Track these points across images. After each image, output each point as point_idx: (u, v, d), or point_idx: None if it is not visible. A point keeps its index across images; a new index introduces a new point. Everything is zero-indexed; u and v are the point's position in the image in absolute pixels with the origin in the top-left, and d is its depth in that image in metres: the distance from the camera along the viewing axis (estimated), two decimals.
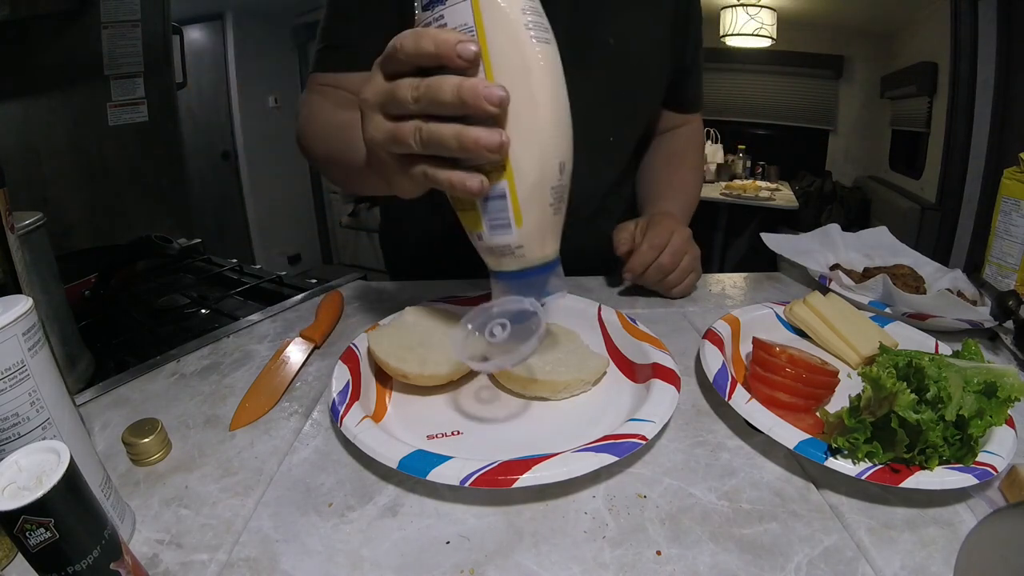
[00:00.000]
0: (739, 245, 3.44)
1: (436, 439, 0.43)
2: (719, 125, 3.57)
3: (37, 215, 0.53)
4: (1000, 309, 0.59)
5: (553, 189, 0.35)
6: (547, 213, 0.36)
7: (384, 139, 0.35)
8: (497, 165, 0.34)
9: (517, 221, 0.35)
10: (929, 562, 0.33)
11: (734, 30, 3.18)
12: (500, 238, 0.36)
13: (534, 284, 0.38)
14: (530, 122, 0.33)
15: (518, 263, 0.37)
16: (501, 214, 0.35)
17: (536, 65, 0.33)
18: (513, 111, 0.32)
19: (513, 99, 0.31)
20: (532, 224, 0.35)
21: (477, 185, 0.33)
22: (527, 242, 0.36)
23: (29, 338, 0.30)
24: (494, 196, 0.35)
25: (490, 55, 0.32)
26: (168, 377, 0.53)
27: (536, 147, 0.34)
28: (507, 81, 0.32)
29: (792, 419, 0.40)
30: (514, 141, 0.33)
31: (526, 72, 0.32)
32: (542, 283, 0.38)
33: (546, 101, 0.33)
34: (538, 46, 0.33)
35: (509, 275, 0.38)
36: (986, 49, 2.30)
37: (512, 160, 0.33)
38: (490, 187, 0.34)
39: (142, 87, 1.48)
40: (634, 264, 0.64)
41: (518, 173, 0.34)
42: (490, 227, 0.36)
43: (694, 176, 0.84)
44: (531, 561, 0.33)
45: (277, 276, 0.86)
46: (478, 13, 0.32)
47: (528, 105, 0.33)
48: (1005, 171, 0.70)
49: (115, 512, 0.33)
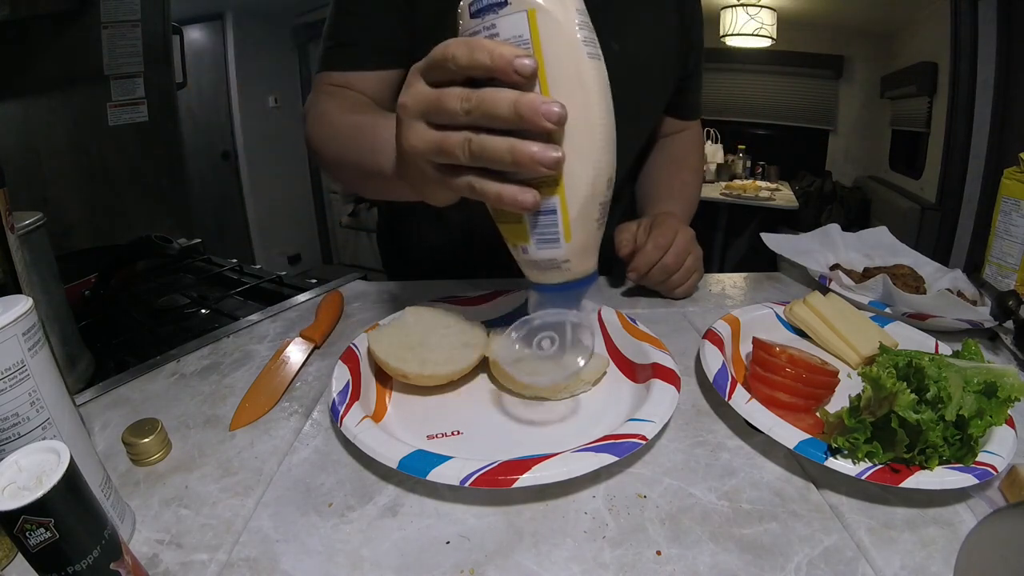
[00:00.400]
0: (739, 245, 3.44)
1: (436, 439, 0.43)
2: (719, 125, 3.57)
3: (37, 215, 0.53)
4: (1000, 309, 0.59)
5: (601, 205, 0.35)
6: (593, 227, 0.36)
7: (427, 148, 0.34)
8: (548, 180, 0.33)
9: (567, 236, 0.35)
10: (929, 562, 0.33)
11: (734, 30, 3.18)
12: (548, 252, 0.36)
13: (573, 297, 0.38)
14: (584, 139, 0.33)
15: (562, 276, 0.37)
16: (551, 228, 0.35)
17: (591, 81, 0.32)
18: (568, 127, 0.32)
19: (568, 115, 0.31)
20: (580, 239, 0.35)
21: (531, 200, 0.32)
22: (574, 257, 0.36)
23: (29, 338, 0.30)
24: (544, 211, 0.34)
25: (546, 69, 0.31)
26: (168, 377, 0.53)
27: (590, 163, 0.33)
28: (562, 96, 0.31)
29: (792, 419, 0.40)
30: (568, 156, 0.32)
31: (582, 88, 0.32)
32: (580, 296, 0.38)
33: (600, 118, 0.33)
34: (591, 62, 0.32)
35: (550, 287, 0.38)
36: (986, 49, 2.30)
37: (565, 175, 0.33)
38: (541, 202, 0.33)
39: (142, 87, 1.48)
40: (639, 263, 0.64)
41: (570, 189, 0.33)
42: (538, 241, 0.35)
43: (694, 179, 0.84)
44: (531, 561, 0.33)
45: (277, 276, 0.86)
46: (534, 26, 0.31)
47: (583, 121, 0.32)
48: (1005, 171, 0.70)
49: (115, 512, 0.33)
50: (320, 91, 0.62)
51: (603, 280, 0.74)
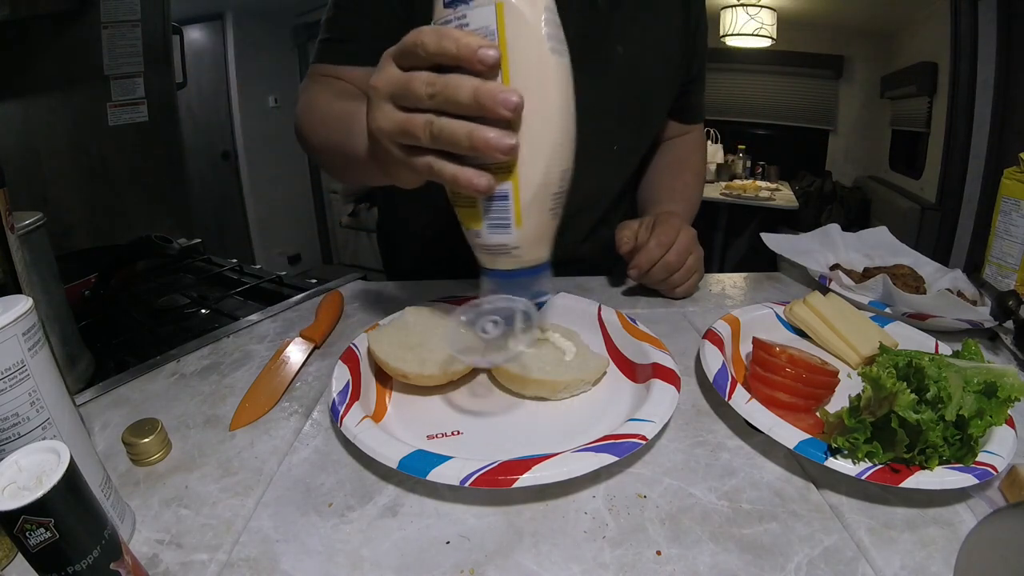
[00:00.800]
0: (739, 245, 3.44)
1: (436, 439, 0.43)
2: (719, 125, 3.57)
3: (37, 215, 0.53)
4: (1000, 309, 0.59)
5: (554, 195, 0.36)
6: (546, 217, 0.37)
7: (393, 129, 0.36)
8: (503, 166, 0.34)
9: (517, 222, 0.36)
10: (929, 562, 0.33)
11: (734, 30, 3.18)
12: (498, 237, 0.37)
13: (524, 284, 0.39)
14: (540, 129, 0.34)
15: (513, 263, 0.38)
16: (502, 214, 0.36)
17: (551, 76, 0.33)
18: (525, 117, 0.33)
19: (526, 106, 0.32)
20: (531, 227, 0.36)
21: (485, 184, 0.34)
22: (524, 243, 0.37)
23: (29, 338, 0.30)
24: (497, 196, 0.35)
25: (509, 61, 0.33)
26: (168, 377, 0.53)
27: (544, 153, 0.34)
28: (522, 87, 0.32)
29: (792, 419, 0.40)
30: (523, 145, 0.33)
31: (541, 82, 0.33)
32: (532, 284, 0.39)
33: (557, 111, 0.34)
34: (554, 57, 0.33)
35: (501, 274, 0.39)
36: (986, 49, 2.30)
37: (519, 163, 0.34)
38: (495, 189, 0.35)
39: (142, 87, 1.47)
40: (640, 261, 0.64)
41: (523, 176, 0.35)
42: (489, 226, 0.37)
43: (696, 181, 0.84)
44: (531, 561, 0.33)
45: (277, 276, 0.86)
46: (501, 19, 0.32)
47: (540, 113, 0.33)
48: (1005, 171, 0.70)
49: (115, 512, 0.33)
50: (312, 79, 0.63)
51: (603, 280, 0.74)
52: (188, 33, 2.15)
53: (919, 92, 2.76)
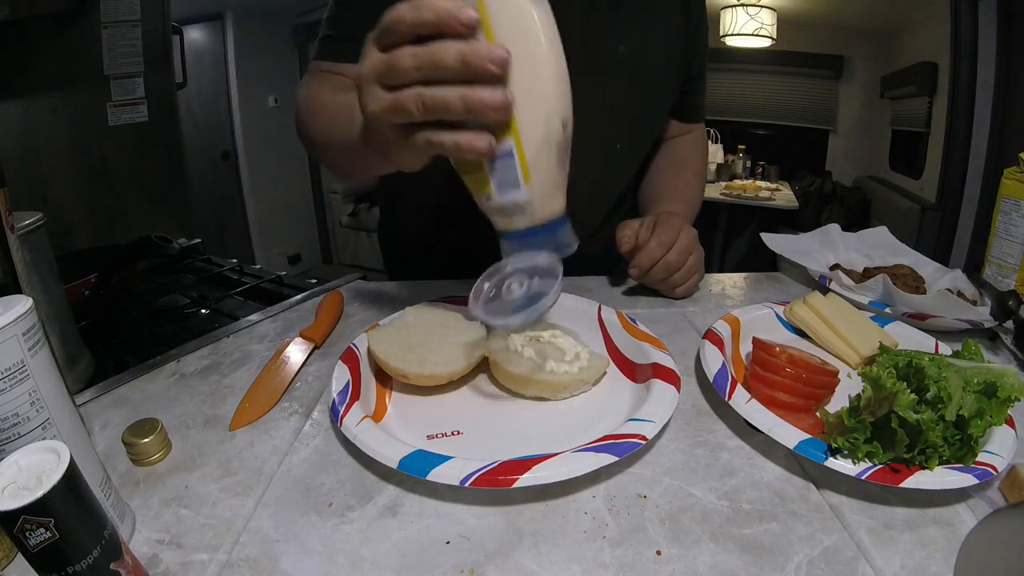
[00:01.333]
0: (739, 245, 3.44)
1: (436, 439, 0.43)
2: (719, 125, 3.57)
3: (37, 215, 0.53)
4: (1000, 309, 0.59)
5: (558, 145, 0.36)
6: (554, 168, 0.37)
7: (384, 110, 0.36)
8: (502, 125, 0.34)
9: (525, 178, 0.36)
10: (929, 562, 0.33)
11: (734, 30, 3.18)
12: (510, 196, 0.37)
13: (545, 242, 0.39)
14: (532, 80, 0.34)
15: (528, 220, 0.38)
16: (509, 172, 0.36)
17: (534, 25, 0.33)
18: (515, 71, 0.33)
19: (514, 60, 0.32)
20: (540, 180, 0.36)
21: (486, 144, 0.34)
22: (536, 198, 0.37)
23: (29, 338, 0.30)
24: (501, 155, 0.35)
25: (489, 18, 0.33)
26: (168, 377, 0.53)
27: (540, 104, 0.34)
28: (507, 42, 0.32)
29: (792, 419, 0.40)
30: (518, 100, 0.33)
31: (525, 32, 0.33)
32: (552, 240, 0.39)
33: (546, 59, 0.34)
34: (534, 7, 0.33)
35: (519, 234, 0.39)
36: (986, 49, 2.30)
37: (517, 118, 0.34)
38: (497, 146, 0.35)
39: (142, 87, 1.47)
40: (641, 260, 0.64)
41: (524, 130, 0.35)
42: (499, 186, 0.37)
43: (697, 181, 0.84)
44: (531, 561, 0.33)
45: (277, 276, 0.86)
46: None
47: (529, 64, 0.33)
48: (1005, 171, 0.70)
49: (115, 512, 0.33)
50: (312, 75, 0.63)
51: (603, 280, 0.74)
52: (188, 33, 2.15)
53: (919, 92, 2.76)
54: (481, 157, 0.35)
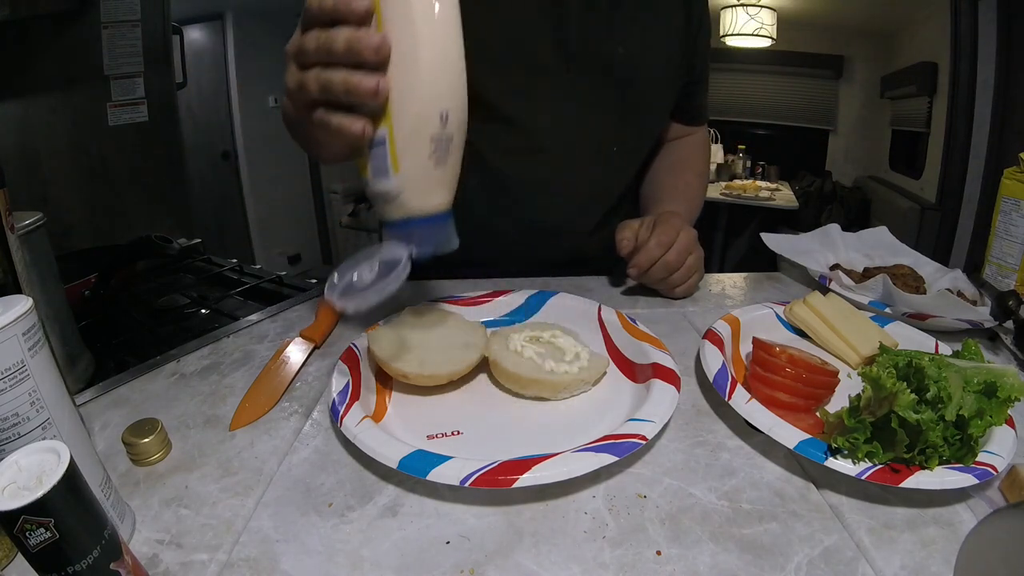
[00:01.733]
0: (739, 245, 3.44)
1: (436, 439, 0.43)
2: (719, 125, 3.58)
3: (37, 215, 0.53)
4: (1000, 309, 0.59)
5: (433, 138, 0.37)
6: (427, 162, 0.37)
7: (294, 86, 0.39)
8: (380, 112, 0.36)
9: (394, 167, 0.37)
10: (929, 562, 0.33)
11: (734, 30, 3.19)
12: (381, 184, 0.38)
13: (422, 236, 0.40)
14: (410, 71, 0.35)
15: (400, 211, 0.39)
16: (382, 160, 0.37)
17: (419, 18, 0.35)
18: (396, 61, 0.35)
19: (397, 50, 0.34)
20: (410, 171, 0.37)
21: (359, 127, 0.36)
22: (406, 189, 0.38)
23: (29, 338, 0.30)
24: (376, 142, 0.37)
25: (381, 8, 0.35)
26: (168, 377, 0.53)
27: (414, 95, 0.36)
28: (394, 32, 0.34)
29: (792, 419, 0.40)
30: (395, 89, 0.35)
31: (409, 24, 0.35)
32: (430, 236, 0.40)
33: (427, 52, 0.35)
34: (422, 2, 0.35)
35: (396, 225, 0.40)
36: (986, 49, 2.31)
37: (392, 107, 0.36)
38: (373, 132, 0.36)
39: (142, 87, 1.47)
40: (640, 260, 0.64)
41: (396, 120, 0.36)
42: (373, 172, 0.38)
43: (698, 181, 0.84)
44: (531, 561, 0.33)
45: (277, 276, 0.86)
46: None
47: (409, 56, 0.35)
48: (1005, 171, 0.70)
49: (115, 512, 0.33)
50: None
51: (603, 280, 0.74)
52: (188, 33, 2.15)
53: (919, 92, 2.76)
54: (356, 141, 0.37)
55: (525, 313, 0.60)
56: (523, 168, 0.72)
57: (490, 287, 0.65)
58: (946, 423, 0.35)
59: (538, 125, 0.70)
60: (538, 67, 0.67)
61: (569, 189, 0.74)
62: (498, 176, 0.71)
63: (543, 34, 0.66)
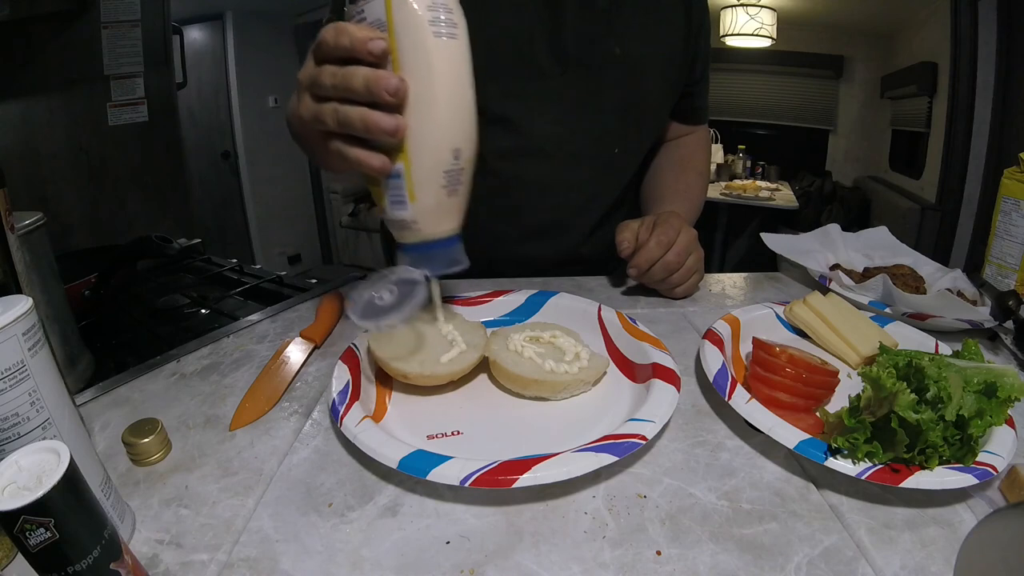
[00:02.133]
0: (739, 245, 3.45)
1: (436, 439, 0.43)
2: (719, 125, 3.57)
3: (37, 215, 0.53)
4: (1000, 309, 0.58)
5: (447, 172, 0.39)
6: (440, 193, 0.40)
7: (310, 116, 0.40)
8: (396, 147, 0.38)
9: (411, 198, 0.39)
10: (929, 562, 0.32)
11: (734, 30, 3.19)
12: (397, 213, 0.40)
13: (435, 257, 0.42)
14: (426, 111, 0.37)
15: (415, 236, 0.42)
16: (398, 191, 0.40)
17: (435, 60, 0.37)
18: (413, 101, 0.36)
19: (414, 90, 0.36)
20: (425, 202, 0.40)
21: (378, 163, 0.38)
22: (421, 218, 0.40)
23: (29, 338, 0.30)
24: (393, 175, 0.39)
25: (398, 50, 0.36)
26: (168, 377, 0.53)
27: (430, 134, 0.38)
28: (409, 73, 0.36)
29: (792, 419, 0.40)
30: (412, 127, 0.37)
31: (426, 67, 0.36)
32: (441, 257, 0.42)
33: (443, 93, 0.37)
34: (438, 41, 0.36)
35: (410, 247, 0.42)
36: (986, 49, 2.31)
37: (409, 144, 0.38)
38: (391, 167, 0.38)
39: (142, 87, 1.48)
40: (640, 260, 0.64)
41: (413, 156, 0.38)
42: (390, 202, 0.40)
43: (699, 181, 0.84)
44: (531, 561, 0.33)
45: (277, 276, 0.86)
46: (389, 11, 0.36)
47: (426, 96, 0.37)
48: (1005, 171, 0.70)
49: (115, 512, 0.33)
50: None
51: (603, 280, 0.74)
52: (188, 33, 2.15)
53: (919, 92, 2.76)
54: (375, 174, 0.39)
55: (525, 313, 0.60)
56: (521, 170, 0.72)
57: (490, 287, 0.65)
58: (946, 423, 0.35)
59: (536, 127, 0.70)
60: (535, 69, 0.67)
61: (568, 190, 0.74)
62: (497, 178, 0.71)
63: (539, 36, 0.66)
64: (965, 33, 2.35)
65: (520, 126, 0.69)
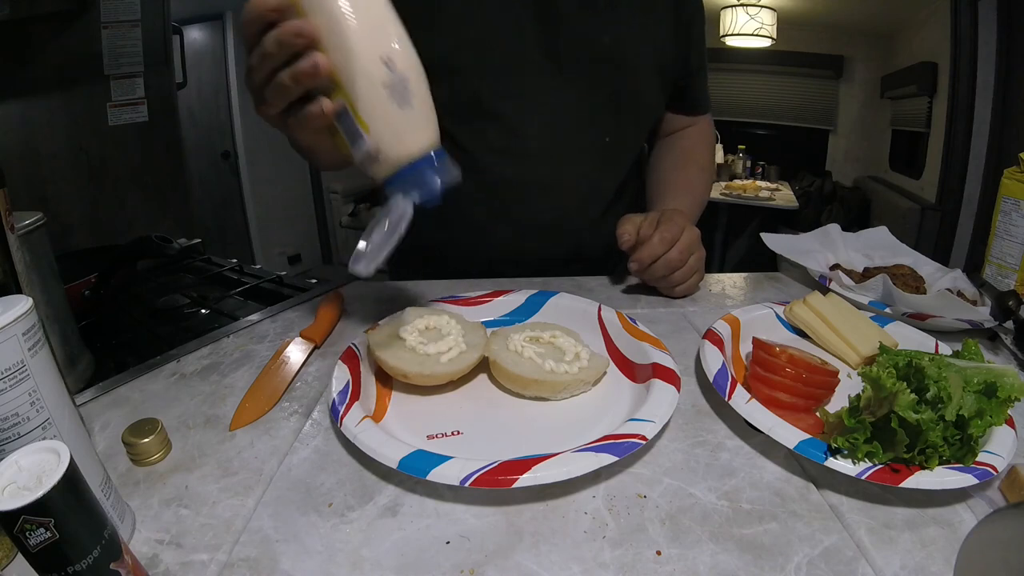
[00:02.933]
0: (739, 245, 3.45)
1: (436, 439, 0.43)
2: (719, 125, 3.55)
3: (37, 215, 0.53)
4: (1000, 309, 0.58)
5: (386, 86, 0.37)
6: (389, 110, 0.38)
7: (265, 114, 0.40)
8: (332, 87, 0.37)
9: (364, 128, 0.38)
10: (929, 562, 0.33)
11: (734, 30, 3.19)
12: (360, 148, 0.39)
13: (418, 181, 0.40)
14: (338, 35, 0.36)
15: (388, 166, 0.40)
16: (351, 128, 0.38)
17: None
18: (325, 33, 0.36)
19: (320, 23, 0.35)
20: (377, 125, 0.38)
21: (318, 108, 0.37)
22: (382, 143, 0.39)
23: (29, 338, 0.30)
24: (341, 116, 0.38)
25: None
26: (168, 377, 0.53)
27: (351, 54, 0.36)
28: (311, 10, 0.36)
29: (792, 419, 0.40)
30: (334, 58, 0.36)
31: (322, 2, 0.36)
32: (425, 178, 0.40)
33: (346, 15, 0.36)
34: None
35: (391, 181, 0.40)
36: (986, 49, 2.31)
37: (339, 76, 0.37)
38: (332, 107, 0.38)
39: (142, 87, 1.47)
40: (642, 255, 0.63)
41: (347, 84, 0.37)
42: (350, 142, 0.39)
43: (702, 176, 0.83)
44: (531, 561, 0.33)
45: (277, 276, 0.86)
46: None
47: (333, 24, 0.36)
48: (1005, 171, 0.70)
49: (115, 512, 0.33)
50: None
51: (603, 280, 0.74)
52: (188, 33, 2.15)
53: (919, 92, 2.76)
54: (323, 120, 0.38)
55: (525, 313, 0.60)
56: (515, 167, 0.72)
57: (490, 287, 0.65)
58: (946, 423, 0.35)
59: (527, 123, 0.70)
60: (524, 65, 0.67)
61: (564, 186, 0.74)
62: (491, 178, 0.71)
63: (529, 31, 0.66)
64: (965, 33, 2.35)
65: (512, 123, 0.69)
